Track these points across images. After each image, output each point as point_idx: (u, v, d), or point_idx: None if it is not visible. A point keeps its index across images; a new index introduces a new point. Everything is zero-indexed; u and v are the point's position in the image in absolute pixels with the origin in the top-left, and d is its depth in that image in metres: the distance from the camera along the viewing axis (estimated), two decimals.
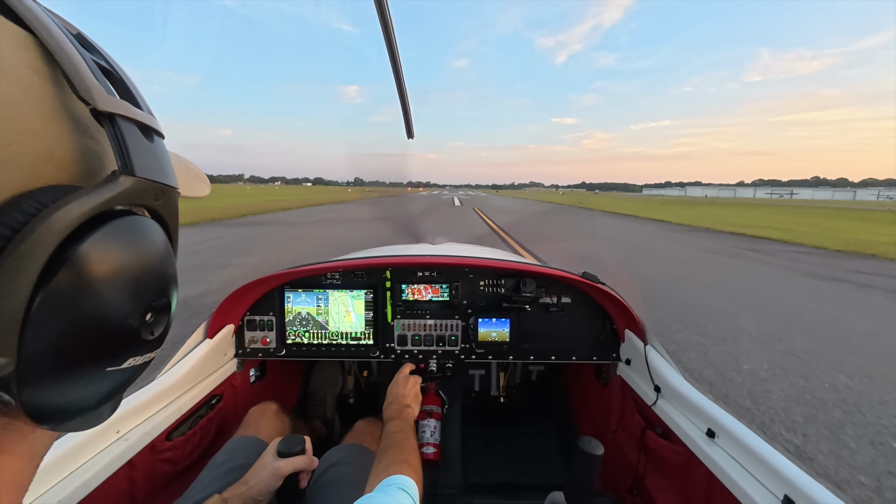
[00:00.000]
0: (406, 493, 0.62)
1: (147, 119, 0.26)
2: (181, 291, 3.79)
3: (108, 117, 0.23)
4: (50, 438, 0.26)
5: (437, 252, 1.60)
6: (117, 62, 0.27)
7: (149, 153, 0.25)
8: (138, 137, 0.24)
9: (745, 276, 6.48)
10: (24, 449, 0.24)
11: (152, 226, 0.26)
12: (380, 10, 0.53)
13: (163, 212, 0.27)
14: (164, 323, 0.27)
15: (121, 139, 0.23)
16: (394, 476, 0.66)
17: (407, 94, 0.74)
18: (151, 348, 0.27)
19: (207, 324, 1.23)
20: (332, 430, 1.70)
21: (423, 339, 1.39)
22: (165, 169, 0.27)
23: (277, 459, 0.86)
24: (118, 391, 0.26)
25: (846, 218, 21.87)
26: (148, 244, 0.25)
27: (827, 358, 3.32)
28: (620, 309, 1.26)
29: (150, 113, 0.27)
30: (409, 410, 1.02)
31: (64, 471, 0.73)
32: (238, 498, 0.80)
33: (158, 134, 0.27)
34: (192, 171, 0.41)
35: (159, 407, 0.99)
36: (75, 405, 0.23)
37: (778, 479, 0.70)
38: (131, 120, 0.24)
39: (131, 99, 0.26)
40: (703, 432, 0.89)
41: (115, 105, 0.23)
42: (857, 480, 1.95)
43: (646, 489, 1.11)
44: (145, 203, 0.25)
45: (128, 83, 0.27)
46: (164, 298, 0.27)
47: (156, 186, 0.25)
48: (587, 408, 1.67)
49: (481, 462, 1.64)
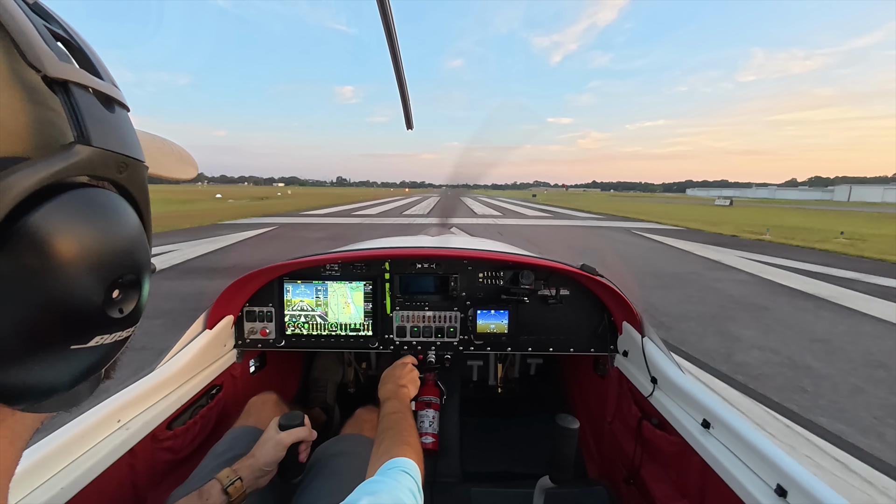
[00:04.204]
0: (408, 474, 0.62)
1: (107, 89, 0.25)
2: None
3: (60, 84, 0.21)
4: (33, 420, 0.25)
5: (435, 244, 1.60)
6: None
7: (108, 123, 0.24)
8: (96, 106, 0.23)
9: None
10: (4, 431, 0.23)
11: (115, 199, 0.24)
12: (380, 1, 0.52)
13: (128, 185, 0.26)
14: (133, 300, 0.26)
15: (75, 107, 0.22)
16: (395, 458, 0.66)
17: (406, 84, 0.73)
18: (122, 326, 0.25)
19: (207, 314, 1.23)
20: (332, 418, 1.72)
21: (422, 330, 1.39)
22: (128, 140, 0.26)
23: (279, 432, 0.90)
24: (92, 370, 0.25)
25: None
26: (110, 218, 0.24)
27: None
28: (618, 301, 1.27)
29: (112, 84, 0.26)
30: (405, 390, 1.03)
31: (65, 459, 0.74)
32: (246, 469, 0.84)
33: (122, 105, 0.26)
34: (177, 154, 0.40)
35: (160, 396, 0.99)
36: (45, 385, 0.23)
37: (771, 468, 0.71)
38: (87, 88, 0.23)
39: (91, 69, 0.25)
40: (699, 423, 0.90)
41: (69, 72, 0.22)
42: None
43: (641, 479, 1.13)
44: (107, 175, 0.24)
45: (88, 52, 0.25)
46: (131, 274, 0.25)
47: (117, 158, 0.24)
48: (584, 398, 1.69)
49: (479, 451, 1.66)
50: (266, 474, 0.87)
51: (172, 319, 4.04)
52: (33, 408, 0.24)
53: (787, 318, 4.64)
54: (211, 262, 7.14)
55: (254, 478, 0.84)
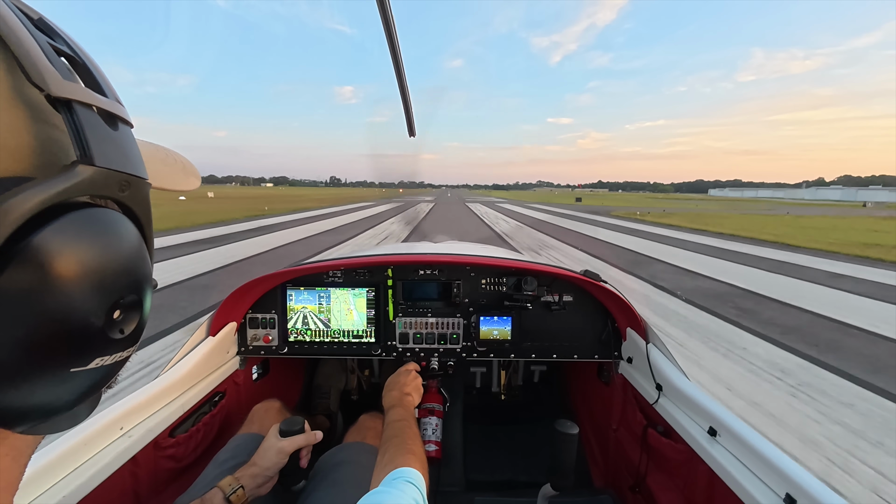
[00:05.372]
0: (413, 485, 0.61)
1: (111, 106, 0.24)
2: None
3: (64, 103, 0.21)
4: (34, 438, 0.25)
5: (438, 250, 1.60)
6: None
7: (111, 142, 0.24)
8: (99, 125, 0.23)
9: None
10: (5, 449, 0.23)
11: (118, 219, 0.24)
12: (381, 6, 0.52)
13: (131, 204, 0.25)
14: (135, 321, 0.26)
15: (78, 126, 0.22)
16: (400, 469, 0.66)
17: (408, 90, 0.73)
18: (122, 347, 0.25)
19: (210, 322, 1.23)
20: (335, 425, 1.71)
21: (425, 337, 1.39)
22: (132, 158, 0.25)
23: (280, 440, 0.90)
24: (91, 392, 0.25)
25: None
26: (112, 238, 0.23)
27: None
28: (622, 307, 1.26)
29: (117, 101, 0.26)
30: (410, 398, 1.02)
31: (67, 467, 0.74)
32: (248, 477, 0.84)
33: (125, 122, 0.26)
34: (180, 164, 0.41)
35: (162, 404, 0.99)
36: (43, 407, 0.22)
37: (780, 477, 0.70)
38: (91, 106, 0.23)
39: (95, 86, 0.25)
40: (705, 431, 0.89)
41: (72, 90, 0.22)
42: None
43: (647, 487, 1.11)
44: (109, 195, 0.24)
45: (92, 70, 0.25)
46: (133, 295, 0.25)
47: (119, 177, 0.24)
48: (588, 406, 1.67)
49: (482, 459, 1.65)
50: (268, 481, 0.87)
51: None
52: (32, 430, 0.23)
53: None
54: None
55: (256, 486, 0.84)
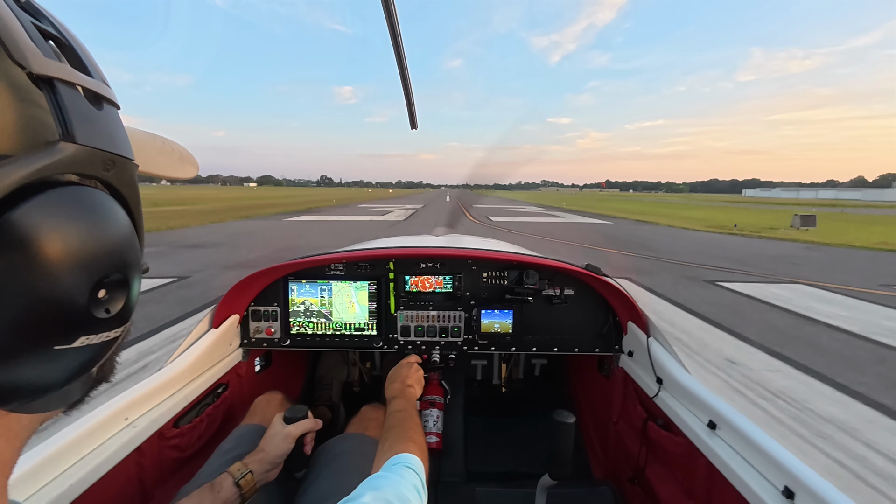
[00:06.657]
0: (412, 470, 0.62)
1: (96, 86, 0.24)
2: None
3: (46, 81, 0.21)
4: (30, 420, 0.25)
5: (440, 244, 1.60)
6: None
7: (95, 121, 0.24)
8: (83, 104, 0.23)
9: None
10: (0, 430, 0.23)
11: (103, 198, 0.24)
12: (385, 3, 0.52)
13: (117, 184, 0.25)
14: (121, 301, 0.25)
15: (60, 104, 0.21)
16: (400, 454, 0.67)
17: (411, 84, 0.73)
18: (109, 327, 0.25)
19: (213, 314, 1.24)
20: (337, 416, 1.72)
21: (427, 329, 1.39)
22: (116, 139, 0.25)
23: (286, 426, 0.92)
24: (80, 371, 0.25)
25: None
26: (95, 216, 0.23)
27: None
28: (623, 301, 1.26)
29: (103, 82, 0.25)
30: (411, 390, 1.04)
31: (74, 457, 0.75)
32: (256, 463, 0.86)
33: (111, 103, 0.26)
34: (177, 153, 0.41)
35: (166, 395, 1.00)
36: (31, 385, 0.22)
37: (778, 470, 0.70)
38: (75, 85, 0.23)
39: (81, 67, 0.24)
40: (705, 424, 0.89)
41: (55, 69, 0.22)
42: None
43: (646, 479, 1.12)
44: (94, 173, 0.24)
45: (78, 51, 0.25)
46: (118, 274, 0.25)
47: (103, 156, 0.24)
48: (589, 399, 1.68)
49: (483, 451, 1.66)
50: (276, 467, 0.89)
51: None
52: (23, 408, 0.23)
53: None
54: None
55: (264, 471, 0.86)
